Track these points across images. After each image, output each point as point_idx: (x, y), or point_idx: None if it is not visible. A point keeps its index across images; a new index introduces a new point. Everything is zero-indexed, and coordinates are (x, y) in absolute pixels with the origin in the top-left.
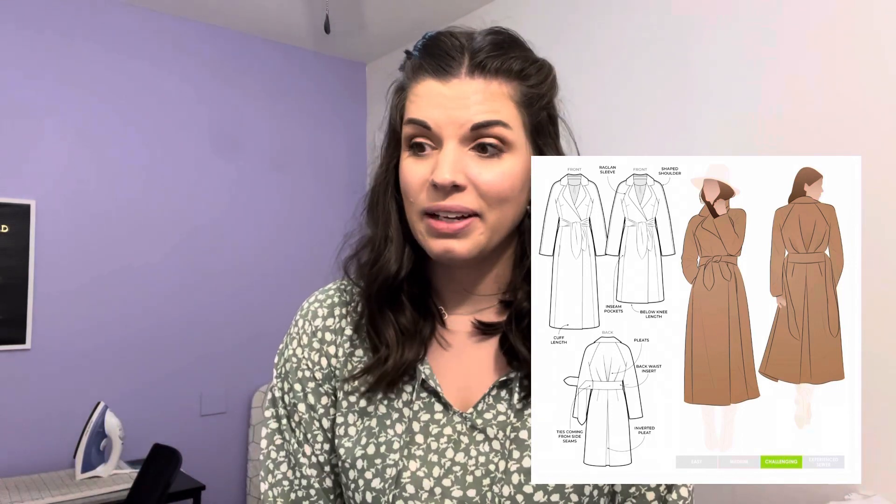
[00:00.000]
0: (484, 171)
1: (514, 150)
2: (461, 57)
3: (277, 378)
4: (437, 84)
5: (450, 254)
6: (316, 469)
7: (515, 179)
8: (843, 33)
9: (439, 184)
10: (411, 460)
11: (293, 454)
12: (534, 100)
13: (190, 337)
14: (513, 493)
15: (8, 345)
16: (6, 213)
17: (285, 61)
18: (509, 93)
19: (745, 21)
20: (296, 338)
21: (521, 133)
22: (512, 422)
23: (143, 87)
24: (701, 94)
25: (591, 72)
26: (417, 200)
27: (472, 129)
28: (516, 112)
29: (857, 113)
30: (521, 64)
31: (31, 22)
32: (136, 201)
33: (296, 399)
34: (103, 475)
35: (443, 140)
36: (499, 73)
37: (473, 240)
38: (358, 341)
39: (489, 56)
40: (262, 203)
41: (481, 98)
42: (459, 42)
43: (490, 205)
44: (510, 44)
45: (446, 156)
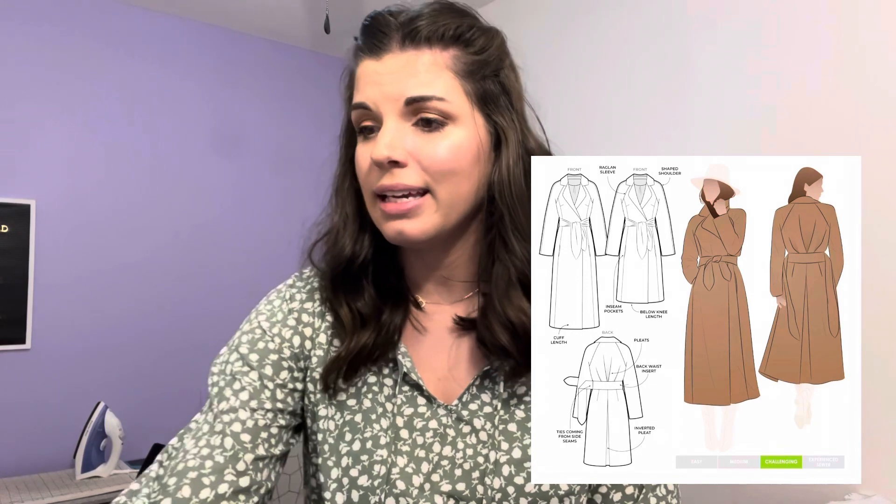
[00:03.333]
0: (426, 145)
1: (458, 122)
2: (392, 31)
3: (226, 351)
4: (373, 62)
5: (402, 235)
6: (251, 434)
7: (462, 151)
8: (844, 33)
9: (375, 160)
10: (399, 456)
11: (219, 419)
12: (478, 67)
13: (190, 337)
14: (503, 485)
15: (8, 345)
16: (6, 213)
17: (285, 61)
18: (445, 62)
19: (744, 21)
20: (265, 314)
21: (464, 103)
22: (499, 413)
23: (144, 86)
24: (701, 94)
25: (591, 71)
26: (367, 183)
27: (406, 104)
28: (456, 82)
29: (857, 113)
30: (456, 29)
31: (33, 22)
32: (137, 201)
33: (247, 366)
34: (103, 475)
35: (382, 117)
36: (431, 40)
37: (426, 219)
38: (338, 329)
39: (418, 25)
40: (262, 202)
41: (414, 70)
42: (392, 17)
43: (437, 180)
44: (445, 10)
45: (383, 133)
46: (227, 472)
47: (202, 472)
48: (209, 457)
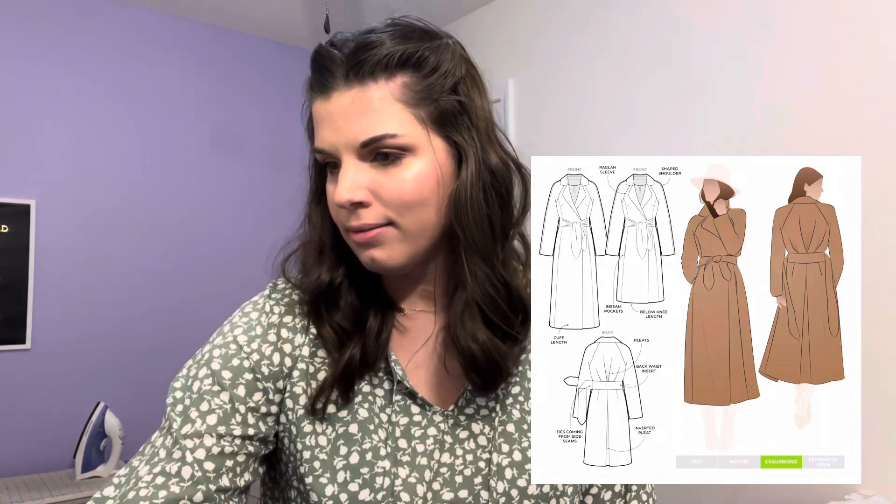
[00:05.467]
0: (385, 181)
1: (416, 152)
2: (336, 67)
3: (194, 365)
4: (323, 103)
5: (375, 262)
6: (214, 462)
7: (422, 181)
8: (844, 33)
9: (338, 203)
10: (400, 467)
11: (178, 444)
12: (429, 89)
13: (190, 337)
14: (507, 489)
15: (8, 345)
16: (6, 213)
17: (285, 61)
18: (393, 93)
19: (745, 21)
20: (241, 326)
21: (419, 132)
22: (497, 414)
23: (144, 86)
24: (701, 94)
25: (591, 71)
26: (337, 219)
27: (362, 147)
28: (407, 112)
29: (858, 113)
30: (401, 56)
31: (32, 22)
32: (137, 201)
33: (218, 385)
34: (103, 475)
35: (341, 159)
36: (375, 73)
37: (391, 248)
38: (320, 341)
39: (360, 58)
40: (262, 203)
41: (362, 109)
42: (337, 49)
43: (400, 213)
44: (394, 34)
45: (343, 176)
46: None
47: (154, 502)
48: (164, 486)
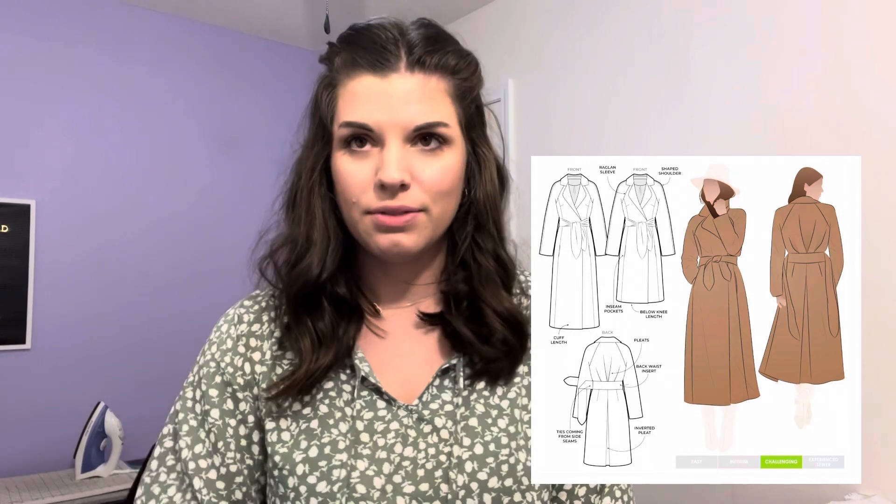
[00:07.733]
0: (427, 167)
1: (452, 145)
2: (398, 50)
3: (189, 387)
4: (376, 80)
5: (398, 247)
6: (224, 481)
7: (455, 173)
8: (843, 33)
9: (388, 184)
10: (359, 459)
11: (187, 472)
12: (465, 93)
13: (190, 337)
14: (467, 482)
15: (8, 345)
16: (6, 213)
17: (285, 61)
18: (446, 88)
19: (744, 20)
20: (216, 342)
21: (457, 128)
22: (460, 409)
23: (143, 86)
24: (700, 94)
25: (591, 71)
26: (361, 200)
27: (414, 130)
28: (452, 108)
29: (857, 113)
30: (455, 59)
31: (31, 22)
32: (137, 201)
33: (209, 405)
34: (103, 475)
35: (385, 139)
36: (437, 68)
37: (419, 233)
38: (287, 344)
39: (427, 51)
40: (263, 203)
41: (422, 96)
42: (393, 35)
43: (434, 200)
44: (444, 38)
45: (392, 155)
46: None
47: None
48: None
